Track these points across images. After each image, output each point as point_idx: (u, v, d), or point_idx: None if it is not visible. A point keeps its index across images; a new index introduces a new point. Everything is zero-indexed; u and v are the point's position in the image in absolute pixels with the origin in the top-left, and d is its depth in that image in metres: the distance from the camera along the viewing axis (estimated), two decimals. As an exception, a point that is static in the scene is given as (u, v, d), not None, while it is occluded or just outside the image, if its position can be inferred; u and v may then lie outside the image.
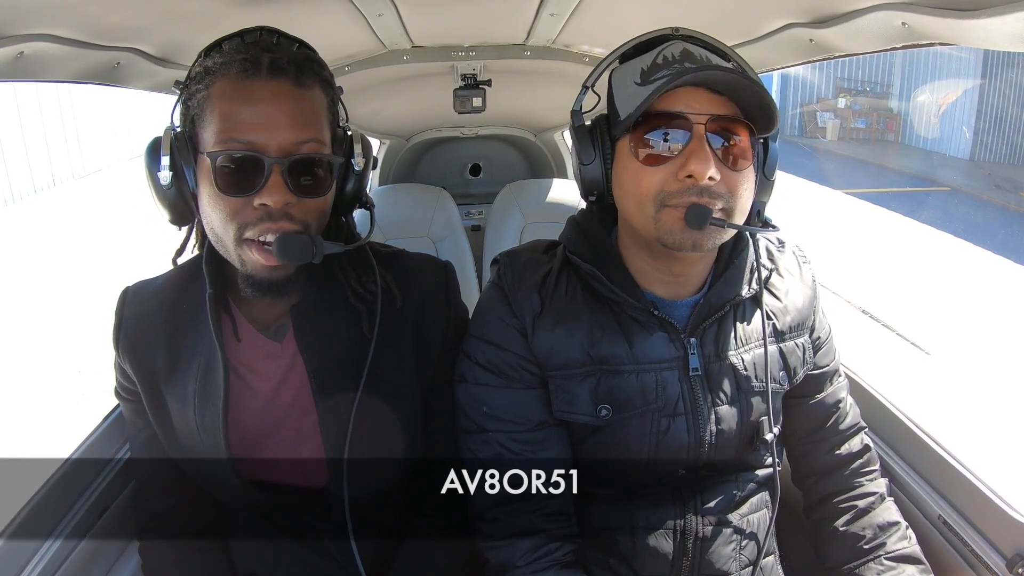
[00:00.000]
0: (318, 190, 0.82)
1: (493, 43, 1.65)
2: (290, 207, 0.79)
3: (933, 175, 13.77)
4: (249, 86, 0.77)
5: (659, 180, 0.81)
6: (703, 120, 0.79)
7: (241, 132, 0.77)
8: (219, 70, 0.78)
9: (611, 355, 0.88)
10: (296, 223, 0.80)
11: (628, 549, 0.91)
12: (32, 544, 0.87)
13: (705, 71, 0.78)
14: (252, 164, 0.77)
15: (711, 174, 0.78)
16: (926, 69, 15.90)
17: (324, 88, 0.84)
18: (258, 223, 0.78)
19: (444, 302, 0.97)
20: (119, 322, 0.92)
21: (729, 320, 0.91)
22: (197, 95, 0.80)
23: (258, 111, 0.77)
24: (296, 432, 0.90)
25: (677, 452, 0.89)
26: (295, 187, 0.78)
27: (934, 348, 5.13)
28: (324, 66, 0.85)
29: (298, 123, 0.78)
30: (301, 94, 0.80)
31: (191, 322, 0.88)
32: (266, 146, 0.77)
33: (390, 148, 2.77)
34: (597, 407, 0.87)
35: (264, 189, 0.77)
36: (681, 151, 0.80)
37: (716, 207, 0.80)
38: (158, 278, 0.95)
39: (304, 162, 0.79)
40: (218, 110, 0.78)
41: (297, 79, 0.79)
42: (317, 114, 0.82)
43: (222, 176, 0.77)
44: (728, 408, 0.90)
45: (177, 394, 0.88)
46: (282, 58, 0.79)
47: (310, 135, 0.80)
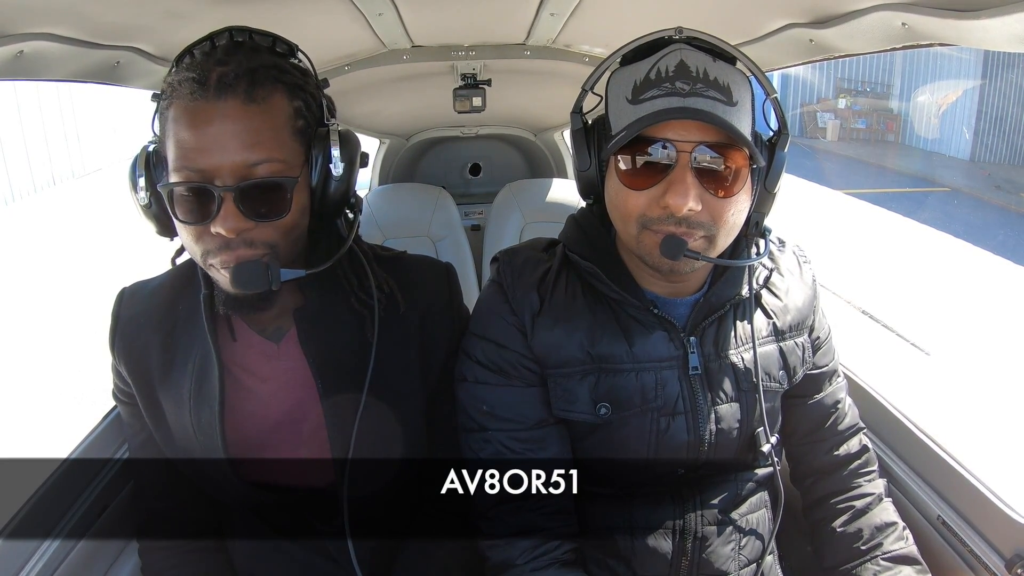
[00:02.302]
0: (277, 212, 0.77)
1: (493, 43, 1.65)
2: (247, 233, 0.76)
3: (933, 176, 13.78)
4: (196, 108, 0.74)
5: (642, 204, 0.80)
6: (688, 148, 0.77)
7: (191, 160, 0.74)
8: (175, 88, 0.75)
9: (610, 354, 0.88)
10: (257, 247, 0.77)
11: (627, 548, 0.91)
12: (31, 543, 0.87)
13: (684, 109, 0.75)
14: (202, 193, 0.74)
15: (689, 207, 0.76)
16: (926, 70, 15.91)
17: (287, 95, 0.79)
18: (217, 251, 0.77)
19: (448, 306, 0.97)
20: (115, 324, 0.91)
21: (729, 319, 0.91)
22: (164, 115, 0.77)
23: (206, 136, 0.73)
24: (298, 433, 0.90)
25: (676, 451, 0.89)
26: (250, 212, 0.75)
27: (934, 349, 5.13)
28: (286, 69, 0.80)
29: (248, 144, 0.74)
30: (251, 111, 0.75)
31: (186, 323, 0.88)
32: (217, 172, 0.74)
33: (390, 148, 2.77)
34: (596, 406, 0.87)
35: (217, 218, 0.74)
36: (664, 179, 0.78)
37: (696, 236, 0.80)
38: (155, 279, 0.95)
39: (257, 187, 0.75)
40: (173, 135, 0.75)
41: (248, 94, 0.74)
42: (274, 129, 0.77)
43: (179, 206, 0.75)
44: (728, 407, 0.90)
45: (172, 396, 0.87)
46: (230, 73, 0.74)
47: (264, 155, 0.75)
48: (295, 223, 0.80)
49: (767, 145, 0.86)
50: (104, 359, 0.93)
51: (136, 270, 0.94)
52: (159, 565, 0.93)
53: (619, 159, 0.81)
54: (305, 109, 0.81)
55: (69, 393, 4.24)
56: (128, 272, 0.94)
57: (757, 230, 0.89)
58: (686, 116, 0.76)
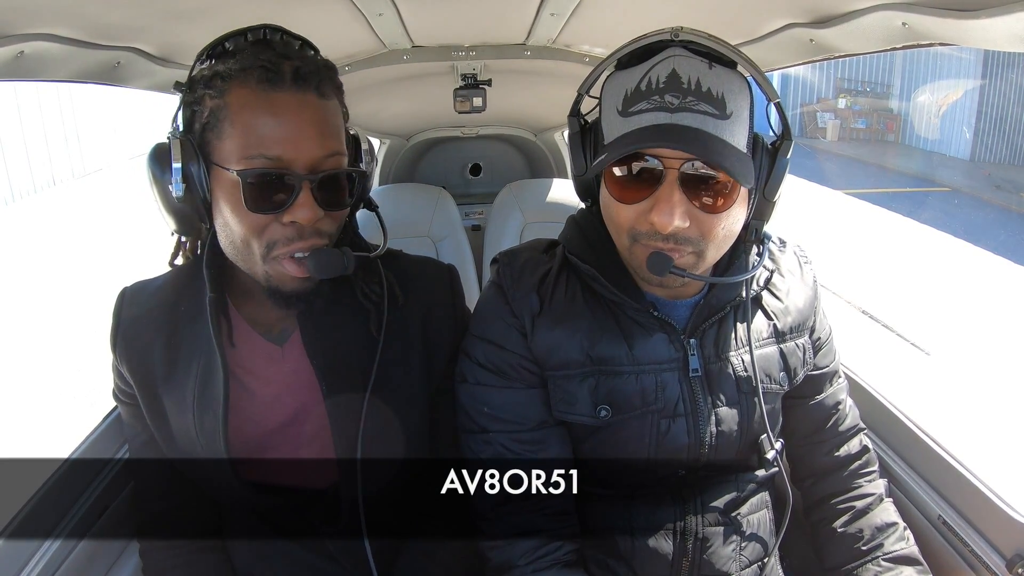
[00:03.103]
0: (343, 202, 0.82)
1: (493, 43, 1.64)
2: (318, 222, 0.79)
3: (933, 176, 13.78)
4: (273, 97, 0.74)
5: (631, 217, 0.80)
6: (676, 165, 0.76)
7: (267, 147, 0.74)
8: (236, 76, 0.75)
9: (610, 356, 0.87)
10: (324, 237, 0.80)
11: (628, 549, 0.91)
12: (32, 544, 0.87)
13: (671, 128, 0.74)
14: (281, 181, 0.75)
15: (676, 224, 0.76)
16: (926, 69, 15.90)
17: (340, 96, 0.83)
18: (288, 242, 0.78)
19: (451, 307, 0.97)
20: (116, 324, 0.91)
21: (729, 321, 0.91)
22: (208, 101, 0.77)
23: (284, 124, 0.75)
24: (300, 434, 0.90)
25: (677, 453, 0.89)
26: (323, 202, 0.78)
27: (934, 349, 5.13)
28: (337, 71, 0.84)
29: (324, 136, 0.77)
30: (324, 105, 0.78)
31: (190, 324, 0.88)
32: (294, 161, 0.75)
33: (390, 148, 2.77)
34: (596, 408, 0.87)
35: (294, 206, 0.76)
36: (652, 194, 0.77)
37: (684, 252, 0.79)
38: (157, 279, 0.94)
39: (332, 177, 0.79)
40: (239, 122, 0.75)
41: (319, 89, 0.78)
42: (338, 125, 0.81)
43: (250, 193, 0.75)
44: (728, 409, 0.90)
45: (176, 397, 0.87)
46: (305, 67, 0.76)
47: (334, 148, 0.79)
48: (345, 215, 0.85)
49: (768, 150, 0.84)
50: (104, 359, 0.93)
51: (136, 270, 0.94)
52: (160, 565, 0.93)
53: (607, 173, 0.81)
54: (346, 113, 0.85)
55: (68, 393, 4.24)
56: (128, 272, 0.94)
57: (756, 236, 0.89)
58: (670, 139, 0.74)
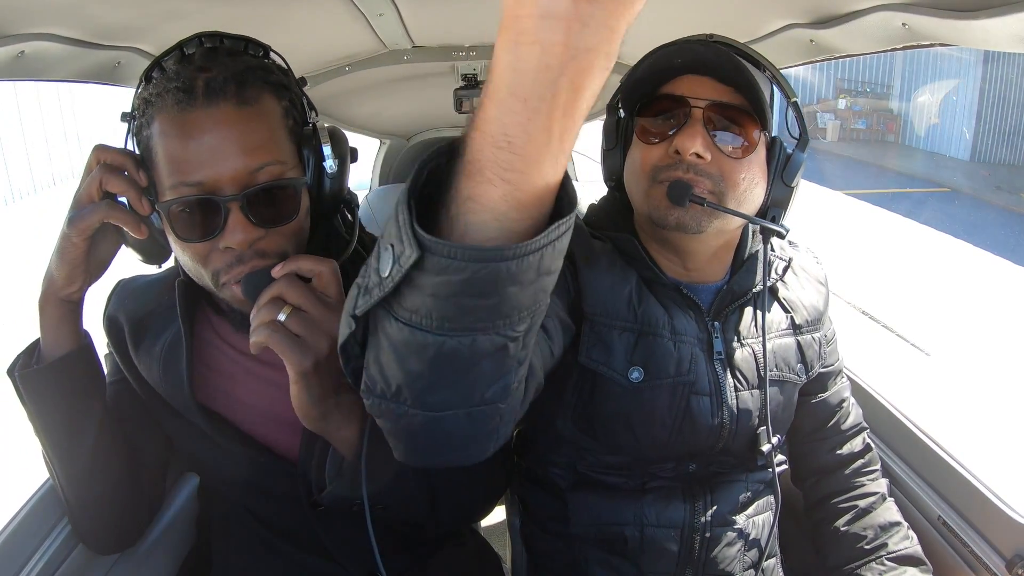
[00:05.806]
0: (287, 216, 0.74)
1: (493, 43, 1.64)
2: (259, 242, 0.72)
3: (933, 176, 13.78)
4: (186, 118, 0.69)
5: (655, 156, 0.83)
6: (702, 104, 0.80)
7: (186, 174, 0.69)
8: (155, 102, 0.70)
9: (655, 319, 0.86)
10: (270, 256, 0.73)
11: (635, 545, 0.90)
12: (32, 544, 0.87)
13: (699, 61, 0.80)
14: (206, 207, 0.70)
15: (696, 150, 0.78)
16: (926, 70, 15.91)
17: (275, 95, 0.75)
18: (229, 268, 0.72)
19: None
20: (107, 304, 0.92)
21: (750, 308, 0.92)
22: (143, 131, 0.73)
23: (201, 145, 0.69)
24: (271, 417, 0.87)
25: (697, 434, 0.87)
26: (259, 219, 0.71)
27: (934, 349, 5.13)
28: (271, 69, 0.76)
29: (248, 149, 0.70)
30: (246, 114, 0.71)
31: (169, 311, 0.87)
32: (218, 183, 0.69)
33: (391, 148, 2.77)
34: (630, 368, 0.85)
35: (225, 232, 0.70)
36: (678, 130, 0.81)
37: (703, 187, 0.80)
38: (153, 275, 0.94)
39: (264, 192, 0.71)
40: (160, 151, 0.70)
41: (239, 97, 0.70)
42: (269, 131, 0.73)
43: (179, 224, 0.71)
44: (748, 394, 0.89)
45: (145, 361, 0.87)
46: (217, 77, 0.70)
47: (265, 159, 0.71)
48: (302, 227, 0.78)
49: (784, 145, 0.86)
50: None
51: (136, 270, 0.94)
52: None
53: (637, 122, 0.86)
54: (292, 108, 0.78)
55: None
56: (128, 272, 0.94)
57: (775, 223, 0.87)
58: (705, 59, 0.80)
